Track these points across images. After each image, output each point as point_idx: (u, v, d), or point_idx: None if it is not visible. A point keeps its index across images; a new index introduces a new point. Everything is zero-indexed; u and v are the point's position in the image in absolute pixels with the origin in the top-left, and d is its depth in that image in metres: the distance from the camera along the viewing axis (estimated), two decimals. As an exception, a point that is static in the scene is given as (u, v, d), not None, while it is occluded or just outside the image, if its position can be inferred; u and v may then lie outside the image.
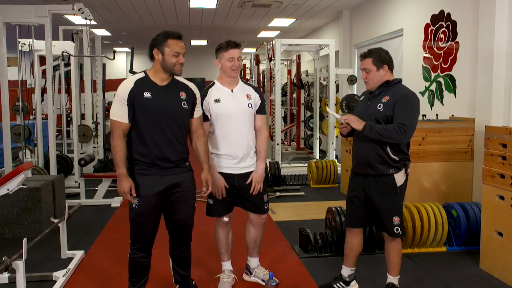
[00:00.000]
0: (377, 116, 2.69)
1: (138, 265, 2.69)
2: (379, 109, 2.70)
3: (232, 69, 2.82)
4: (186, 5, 7.92)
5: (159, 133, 2.55)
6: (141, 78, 2.58)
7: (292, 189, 6.28)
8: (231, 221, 3.06)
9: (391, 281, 2.90)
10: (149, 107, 2.53)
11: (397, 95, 2.70)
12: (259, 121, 2.95)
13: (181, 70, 2.59)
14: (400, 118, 2.62)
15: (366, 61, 2.74)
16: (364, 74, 2.76)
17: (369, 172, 2.76)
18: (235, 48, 2.81)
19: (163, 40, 2.53)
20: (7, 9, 4.87)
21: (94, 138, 7.26)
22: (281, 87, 7.27)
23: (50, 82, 5.19)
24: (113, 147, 2.54)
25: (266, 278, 3.13)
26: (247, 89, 2.95)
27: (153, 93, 2.54)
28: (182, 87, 2.66)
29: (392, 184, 2.73)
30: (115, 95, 2.57)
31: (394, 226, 2.75)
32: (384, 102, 2.70)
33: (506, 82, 4.16)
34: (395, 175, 2.72)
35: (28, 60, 6.20)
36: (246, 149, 2.89)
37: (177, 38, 2.55)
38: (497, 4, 4.13)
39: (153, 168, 2.56)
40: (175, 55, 2.52)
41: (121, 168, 2.52)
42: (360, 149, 2.80)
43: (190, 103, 2.65)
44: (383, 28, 7.02)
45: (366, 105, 2.80)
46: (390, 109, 2.67)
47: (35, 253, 3.56)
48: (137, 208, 2.57)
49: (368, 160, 2.74)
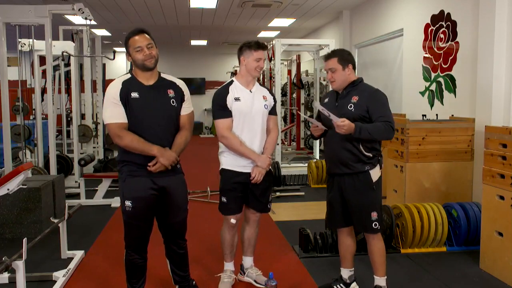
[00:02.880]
0: (349, 117, 2.68)
1: (135, 266, 2.68)
2: (350, 109, 2.72)
3: (256, 69, 2.88)
4: (186, 5, 7.92)
5: (149, 134, 2.52)
6: (127, 79, 2.56)
7: (292, 189, 6.28)
8: (238, 223, 3.05)
9: (378, 283, 2.85)
10: (138, 107, 2.50)
11: (366, 94, 2.73)
12: (271, 122, 3.01)
13: (152, 62, 2.52)
14: (381, 117, 2.66)
15: (331, 61, 2.76)
16: (330, 74, 2.78)
17: (344, 171, 2.77)
18: (263, 50, 2.88)
19: (126, 42, 2.54)
20: (7, 9, 4.88)
21: (94, 138, 7.26)
22: (281, 87, 7.27)
23: (50, 82, 5.19)
24: (130, 143, 2.47)
25: (259, 278, 3.14)
26: (263, 90, 3.02)
27: (140, 93, 2.52)
28: (169, 85, 2.63)
29: (368, 180, 2.75)
30: (105, 99, 2.53)
31: (373, 222, 2.75)
32: (354, 103, 2.72)
33: (506, 82, 4.15)
34: (371, 171, 2.75)
35: (28, 60, 6.20)
36: (259, 148, 2.93)
37: (135, 34, 2.52)
38: (497, 4, 4.13)
39: (144, 169, 2.52)
40: (137, 50, 2.50)
41: (154, 146, 2.48)
42: (333, 149, 2.80)
43: (178, 100, 2.63)
44: (383, 28, 7.02)
45: (334, 106, 2.79)
46: (361, 109, 2.70)
47: (35, 253, 3.55)
48: (130, 210, 2.56)
49: (342, 159, 2.75)
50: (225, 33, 11.37)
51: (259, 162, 2.87)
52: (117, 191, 5.95)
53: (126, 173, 2.56)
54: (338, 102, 2.79)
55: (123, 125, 2.50)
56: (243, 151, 2.86)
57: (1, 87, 4.90)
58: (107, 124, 2.51)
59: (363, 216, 2.76)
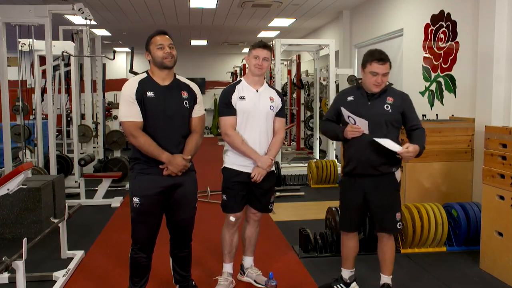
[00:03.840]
0: (387, 117, 2.70)
1: (139, 265, 2.69)
2: (388, 110, 2.71)
3: (255, 66, 2.89)
4: (186, 5, 7.92)
5: (162, 132, 2.56)
6: (144, 78, 2.60)
7: (292, 189, 6.28)
8: (238, 223, 3.06)
9: (386, 281, 2.89)
10: (153, 107, 2.54)
11: (399, 96, 2.77)
12: (278, 124, 3.01)
13: (172, 61, 2.58)
14: (415, 120, 2.76)
15: (387, 66, 2.70)
16: (380, 78, 2.68)
17: (371, 173, 2.75)
18: (262, 48, 2.89)
19: (148, 40, 2.62)
20: (7, 9, 4.87)
21: (94, 138, 7.26)
22: (281, 87, 7.27)
23: (50, 82, 5.19)
24: (142, 145, 2.50)
25: (259, 279, 3.14)
26: (270, 91, 3.02)
27: (156, 93, 2.56)
28: (183, 87, 2.68)
29: (393, 182, 2.78)
30: (121, 97, 2.56)
31: (397, 222, 2.79)
32: (390, 104, 2.72)
33: (506, 82, 4.15)
34: (396, 172, 2.79)
35: (28, 60, 6.19)
36: (260, 148, 2.93)
37: (159, 34, 2.61)
38: (497, 4, 4.13)
39: (155, 168, 2.56)
40: (159, 47, 2.55)
41: (163, 153, 2.51)
42: (361, 151, 2.75)
43: (191, 102, 2.67)
44: (383, 28, 7.02)
45: (366, 105, 2.75)
46: (398, 111, 2.73)
47: (35, 253, 3.55)
48: (138, 207, 2.57)
49: (373, 161, 2.73)
50: (225, 33, 11.37)
51: (259, 163, 2.87)
52: (117, 191, 6.01)
53: (137, 171, 2.59)
54: (371, 101, 2.75)
55: (138, 124, 2.53)
56: (244, 149, 2.86)
57: (1, 87, 4.90)
58: (122, 122, 2.55)
59: (389, 217, 2.78)
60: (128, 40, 12.15)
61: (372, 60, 2.67)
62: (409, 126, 2.78)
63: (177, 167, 2.54)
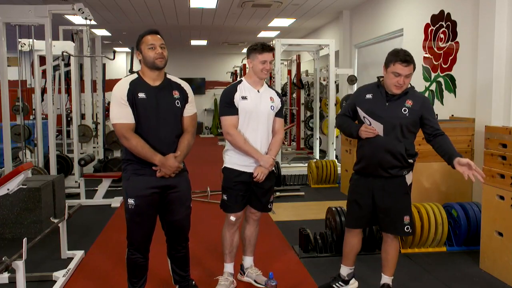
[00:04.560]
0: (403, 121, 2.66)
1: (136, 265, 2.68)
2: (405, 113, 2.67)
3: (263, 71, 2.90)
4: (186, 5, 7.91)
5: (155, 133, 2.55)
6: (135, 79, 2.58)
7: (292, 189, 6.28)
8: (239, 223, 3.06)
9: (387, 281, 2.89)
10: (145, 108, 2.52)
11: (420, 100, 2.71)
12: (277, 124, 3.03)
13: (163, 62, 2.55)
14: (436, 125, 2.70)
15: (411, 67, 2.64)
16: (403, 79, 2.62)
17: (381, 174, 2.74)
18: (269, 52, 2.89)
19: (139, 39, 2.58)
20: (7, 9, 4.87)
21: (94, 138, 7.26)
22: (281, 87, 7.26)
23: (50, 82, 5.19)
24: (134, 147, 2.48)
25: (259, 278, 3.14)
26: (270, 92, 3.04)
27: (147, 94, 2.54)
28: (175, 86, 2.66)
29: (404, 185, 2.76)
30: (112, 98, 2.54)
31: (405, 225, 2.77)
32: (409, 107, 2.68)
33: (506, 82, 4.15)
34: (406, 175, 2.76)
35: (28, 60, 6.19)
36: (262, 148, 2.93)
37: (150, 33, 2.57)
38: (497, 4, 4.13)
39: (149, 168, 2.54)
40: (150, 47, 2.52)
41: (156, 155, 2.50)
42: (374, 152, 2.73)
43: (182, 101, 2.65)
44: (383, 28, 7.02)
45: (383, 106, 2.71)
46: (415, 115, 2.68)
47: (35, 253, 3.55)
48: (133, 208, 2.56)
49: (384, 163, 2.71)
50: (225, 33, 11.37)
51: (261, 162, 2.88)
52: (117, 191, 6.01)
53: (130, 172, 2.58)
54: (389, 102, 2.71)
55: (130, 126, 2.51)
56: (247, 149, 2.87)
57: (1, 87, 4.90)
58: (114, 124, 2.53)
59: (396, 220, 2.76)
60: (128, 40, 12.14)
61: (396, 61, 2.61)
62: (430, 131, 2.71)
63: (170, 169, 2.53)
